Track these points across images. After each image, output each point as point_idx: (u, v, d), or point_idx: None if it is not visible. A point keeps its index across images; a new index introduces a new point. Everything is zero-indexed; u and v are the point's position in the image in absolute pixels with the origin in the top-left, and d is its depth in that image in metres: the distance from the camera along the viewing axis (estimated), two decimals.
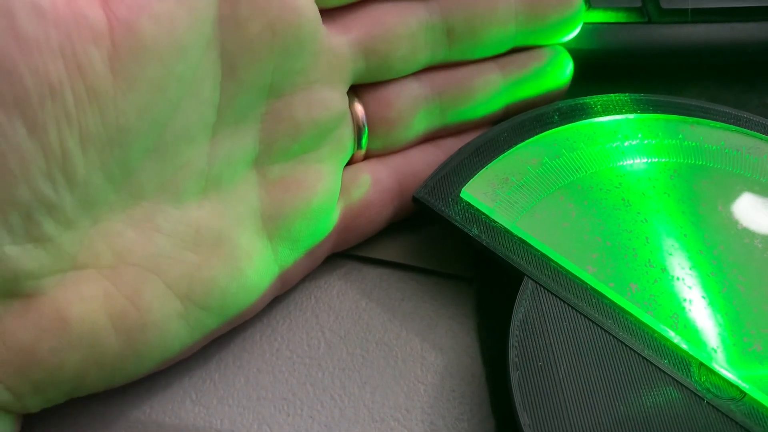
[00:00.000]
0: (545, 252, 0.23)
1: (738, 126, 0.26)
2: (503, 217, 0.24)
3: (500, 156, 0.25)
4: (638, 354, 0.21)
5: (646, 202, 0.24)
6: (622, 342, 0.22)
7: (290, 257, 0.24)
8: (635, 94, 0.27)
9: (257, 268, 0.22)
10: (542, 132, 0.26)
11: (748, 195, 0.25)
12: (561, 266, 0.23)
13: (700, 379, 0.21)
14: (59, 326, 0.19)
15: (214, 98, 0.21)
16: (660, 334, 0.22)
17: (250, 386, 0.24)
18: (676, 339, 0.22)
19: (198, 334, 0.22)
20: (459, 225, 0.24)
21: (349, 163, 0.26)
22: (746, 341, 0.22)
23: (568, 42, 0.28)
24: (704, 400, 0.21)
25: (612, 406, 0.21)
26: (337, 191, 0.24)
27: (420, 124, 0.26)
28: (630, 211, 0.24)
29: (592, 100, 0.27)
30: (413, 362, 0.24)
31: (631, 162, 0.25)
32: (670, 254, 0.23)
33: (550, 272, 0.23)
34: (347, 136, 0.25)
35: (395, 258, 0.26)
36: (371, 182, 0.25)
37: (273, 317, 0.25)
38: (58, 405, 0.21)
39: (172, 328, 0.21)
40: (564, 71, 0.27)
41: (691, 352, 0.21)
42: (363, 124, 0.25)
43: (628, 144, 0.26)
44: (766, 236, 0.24)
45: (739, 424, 0.20)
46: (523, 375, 0.21)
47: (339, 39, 0.23)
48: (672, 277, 0.23)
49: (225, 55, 0.20)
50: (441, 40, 0.25)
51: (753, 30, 0.30)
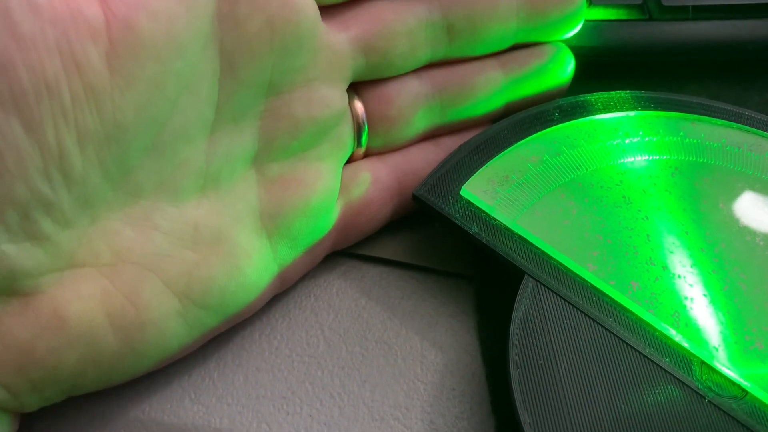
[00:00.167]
0: (546, 250, 0.23)
1: (739, 123, 0.26)
2: (503, 215, 0.24)
3: (500, 154, 0.25)
4: (639, 352, 0.21)
5: (647, 200, 0.24)
6: (623, 340, 0.21)
7: (289, 255, 0.23)
8: (636, 92, 0.27)
9: (256, 267, 0.22)
10: (543, 129, 0.26)
11: (750, 192, 0.24)
12: (561, 264, 0.23)
13: (702, 378, 0.21)
14: (57, 325, 0.19)
15: (213, 96, 0.21)
16: (661, 333, 0.22)
17: (249, 385, 0.23)
18: (678, 337, 0.22)
19: (196, 333, 0.22)
20: (459, 223, 0.24)
21: (349, 161, 0.26)
22: (748, 339, 0.22)
23: (569, 39, 0.27)
24: (705, 399, 0.21)
25: (613, 405, 0.20)
26: (337, 189, 0.24)
27: (420, 122, 0.26)
28: (631, 209, 0.24)
29: (593, 98, 0.27)
30: (413, 360, 0.24)
31: (632, 159, 0.25)
32: (671, 252, 0.23)
33: (551, 270, 0.23)
34: (347, 134, 0.24)
35: (395, 256, 0.26)
36: (371, 180, 0.25)
37: (272, 316, 0.25)
38: (57, 404, 0.21)
39: (171, 327, 0.21)
40: (565, 69, 0.27)
41: (693, 351, 0.21)
42: (363, 122, 0.25)
43: (629, 141, 0.26)
44: (767, 234, 0.24)
45: (741, 423, 0.20)
46: (524, 373, 0.21)
47: (338, 36, 0.23)
48: (673, 275, 0.23)
49: (224, 53, 0.20)
50: (441, 37, 0.25)
51: (754, 27, 0.30)
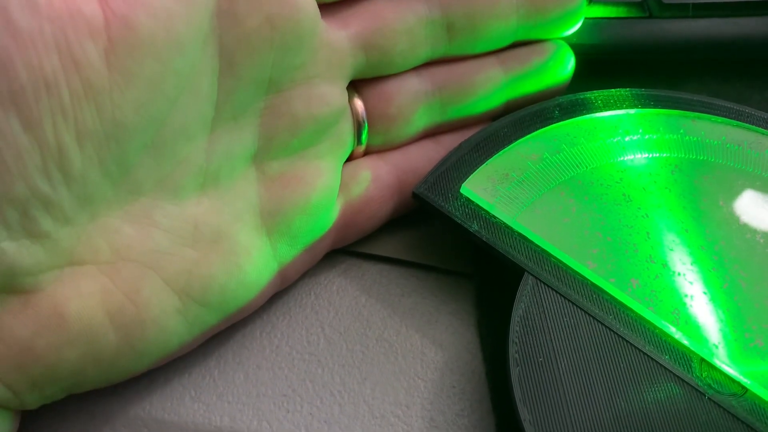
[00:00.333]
0: (545, 247, 0.23)
1: (739, 121, 0.26)
2: (503, 213, 0.24)
3: (500, 151, 0.25)
4: (639, 350, 0.21)
5: (647, 198, 0.24)
6: (623, 338, 0.21)
7: (289, 253, 0.23)
8: (636, 89, 0.27)
9: (256, 265, 0.22)
10: (543, 127, 0.26)
11: (750, 190, 0.24)
12: (561, 262, 0.23)
13: (702, 375, 0.21)
14: (57, 322, 0.19)
15: (212, 94, 0.21)
16: (661, 330, 0.22)
17: (250, 383, 0.23)
18: (677, 335, 0.22)
19: (196, 331, 0.22)
20: (459, 221, 0.24)
21: (349, 159, 0.26)
22: (748, 337, 0.22)
23: (569, 37, 0.27)
24: (705, 396, 0.21)
25: (613, 402, 0.20)
26: (337, 187, 0.24)
27: (420, 120, 0.26)
28: (631, 207, 0.24)
29: (593, 95, 0.27)
30: (413, 358, 0.24)
31: (632, 157, 0.25)
32: (671, 250, 0.23)
33: (551, 268, 0.23)
34: (347, 132, 0.24)
35: (395, 254, 0.26)
36: (371, 178, 0.25)
37: (272, 313, 0.25)
38: (58, 401, 0.21)
39: (171, 325, 0.21)
40: (565, 66, 0.27)
41: (693, 348, 0.21)
42: (363, 120, 0.25)
43: (629, 139, 0.26)
44: (767, 231, 0.24)
45: (741, 420, 0.20)
46: (524, 371, 0.21)
47: (338, 34, 0.23)
48: (673, 273, 0.23)
49: (223, 50, 0.20)
50: (441, 35, 0.25)
51: (754, 25, 0.30)
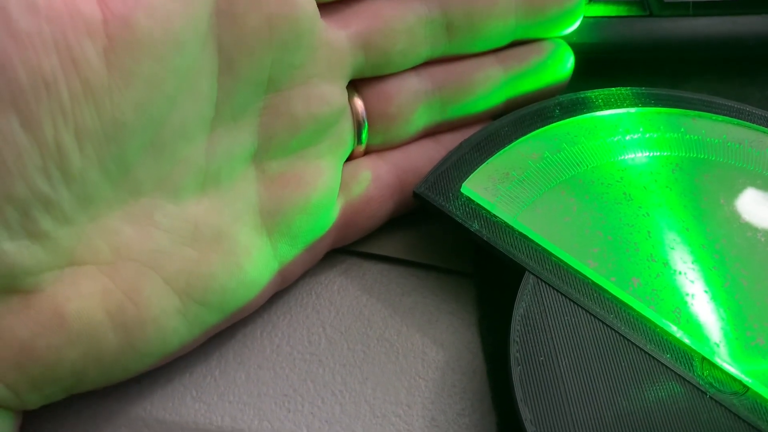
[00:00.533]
0: (546, 247, 0.23)
1: (740, 119, 0.26)
2: (504, 212, 0.24)
3: (501, 151, 0.25)
4: (640, 349, 0.21)
5: (648, 196, 0.24)
6: (624, 337, 0.21)
7: (290, 253, 0.23)
8: (636, 88, 0.27)
9: (256, 264, 0.22)
10: (543, 126, 0.26)
11: (751, 188, 0.24)
12: (562, 261, 0.23)
13: (703, 374, 0.21)
14: (57, 322, 0.19)
15: (212, 93, 0.21)
16: (662, 329, 0.22)
17: (251, 382, 0.23)
18: (679, 333, 0.22)
19: (197, 330, 0.22)
20: (459, 220, 0.24)
21: (349, 159, 0.26)
22: (749, 335, 0.22)
23: (569, 36, 0.27)
24: (707, 395, 0.21)
25: (614, 402, 0.20)
26: (337, 187, 0.24)
27: (420, 119, 0.26)
28: (631, 206, 0.24)
29: (593, 94, 0.27)
30: (414, 358, 0.24)
31: (633, 156, 0.25)
32: (672, 248, 0.23)
33: (551, 267, 0.23)
34: (347, 132, 0.24)
35: (396, 253, 0.26)
36: (371, 178, 0.25)
37: (273, 313, 0.25)
38: (59, 401, 0.21)
39: (171, 324, 0.21)
40: (565, 65, 0.27)
41: (694, 347, 0.21)
42: (363, 120, 0.25)
43: (630, 138, 0.26)
44: None
45: (742, 419, 0.20)
46: (525, 370, 0.21)
47: (337, 33, 0.23)
48: (674, 272, 0.23)
49: (222, 50, 0.20)
50: (440, 34, 0.25)
51: (754, 23, 0.30)
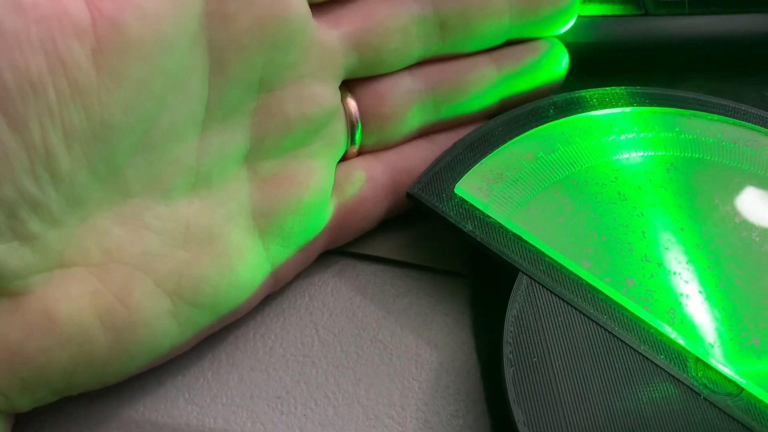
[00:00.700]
0: (540, 247, 0.23)
1: (735, 118, 0.26)
2: (498, 213, 0.24)
3: (495, 151, 0.25)
4: (634, 350, 0.21)
5: (643, 196, 0.24)
6: (618, 338, 0.21)
7: (282, 254, 0.23)
8: (631, 87, 0.27)
9: (248, 265, 0.22)
10: (537, 126, 0.26)
11: (746, 188, 0.24)
12: (556, 261, 0.23)
13: (697, 375, 0.21)
14: (47, 325, 0.19)
15: (203, 94, 0.21)
16: (656, 330, 0.22)
17: (244, 384, 0.23)
18: (673, 334, 0.21)
19: (189, 332, 0.22)
20: (453, 221, 0.24)
21: (343, 159, 0.25)
22: (743, 336, 0.21)
23: (564, 35, 0.27)
24: (701, 396, 0.20)
25: (607, 403, 0.20)
26: (330, 187, 0.24)
27: (414, 119, 0.26)
28: (626, 206, 0.24)
29: (588, 94, 0.27)
30: (408, 359, 0.24)
31: (627, 156, 0.25)
32: (667, 248, 0.23)
33: (545, 267, 0.23)
34: (340, 132, 0.24)
35: (389, 254, 0.26)
36: (365, 178, 0.25)
37: (266, 315, 0.25)
38: (51, 404, 0.21)
39: (162, 326, 0.21)
40: (559, 64, 0.27)
41: (688, 348, 0.21)
42: (356, 120, 0.25)
43: (624, 137, 0.26)
44: (764, 229, 0.23)
45: (737, 420, 0.20)
46: (518, 371, 0.21)
47: (329, 33, 0.23)
48: (668, 272, 0.23)
49: (213, 50, 0.20)
50: (434, 33, 0.25)
51: (750, 21, 0.29)
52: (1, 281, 0.18)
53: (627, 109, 0.26)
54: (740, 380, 0.21)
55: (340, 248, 0.26)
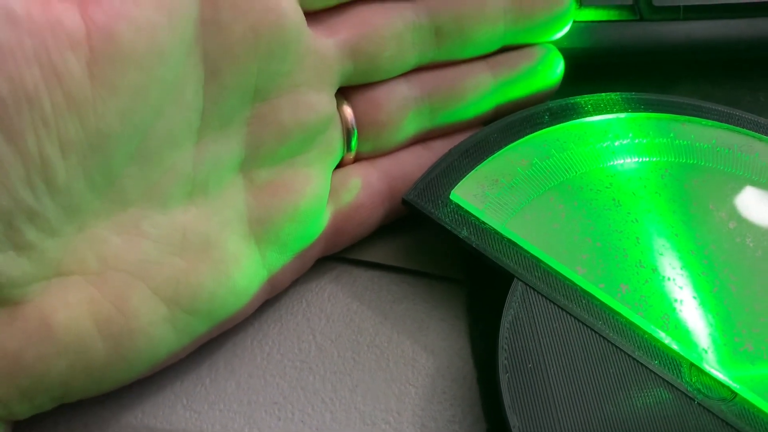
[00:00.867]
0: (535, 253, 0.23)
1: (729, 124, 0.26)
2: (493, 219, 0.24)
3: (490, 157, 0.25)
4: (628, 355, 0.21)
5: (637, 202, 0.24)
6: (612, 343, 0.21)
7: (279, 261, 0.23)
8: (626, 93, 0.27)
9: (245, 273, 0.22)
10: (532, 132, 0.26)
11: (740, 194, 0.24)
12: (551, 267, 0.23)
13: (691, 380, 0.21)
14: (45, 333, 0.19)
15: (198, 102, 0.21)
16: (650, 335, 0.22)
17: (242, 390, 0.23)
18: (667, 340, 0.22)
19: (186, 339, 0.22)
20: (449, 227, 0.24)
21: (339, 166, 0.26)
22: (737, 341, 0.22)
23: (559, 41, 0.27)
24: (695, 401, 0.21)
25: (602, 408, 0.20)
26: (326, 195, 0.24)
27: (410, 126, 0.26)
28: (620, 212, 0.24)
29: (583, 100, 0.27)
30: (404, 365, 0.24)
31: (622, 162, 0.25)
32: (661, 254, 0.23)
33: (540, 274, 0.23)
34: (336, 139, 0.24)
35: (386, 260, 0.26)
36: (361, 185, 0.25)
37: (264, 321, 0.25)
38: (49, 411, 0.21)
39: (159, 334, 0.21)
40: (555, 70, 0.27)
41: (682, 353, 0.21)
42: (352, 127, 0.25)
43: (619, 143, 0.26)
44: (758, 235, 0.23)
45: (730, 425, 0.20)
46: (513, 377, 0.21)
47: (324, 41, 0.23)
48: (663, 278, 0.23)
49: (207, 59, 0.20)
50: (429, 40, 0.25)
51: (744, 27, 0.30)
52: None
53: (622, 115, 0.26)
54: (734, 385, 0.21)
55: (337, 254, 0.26)
